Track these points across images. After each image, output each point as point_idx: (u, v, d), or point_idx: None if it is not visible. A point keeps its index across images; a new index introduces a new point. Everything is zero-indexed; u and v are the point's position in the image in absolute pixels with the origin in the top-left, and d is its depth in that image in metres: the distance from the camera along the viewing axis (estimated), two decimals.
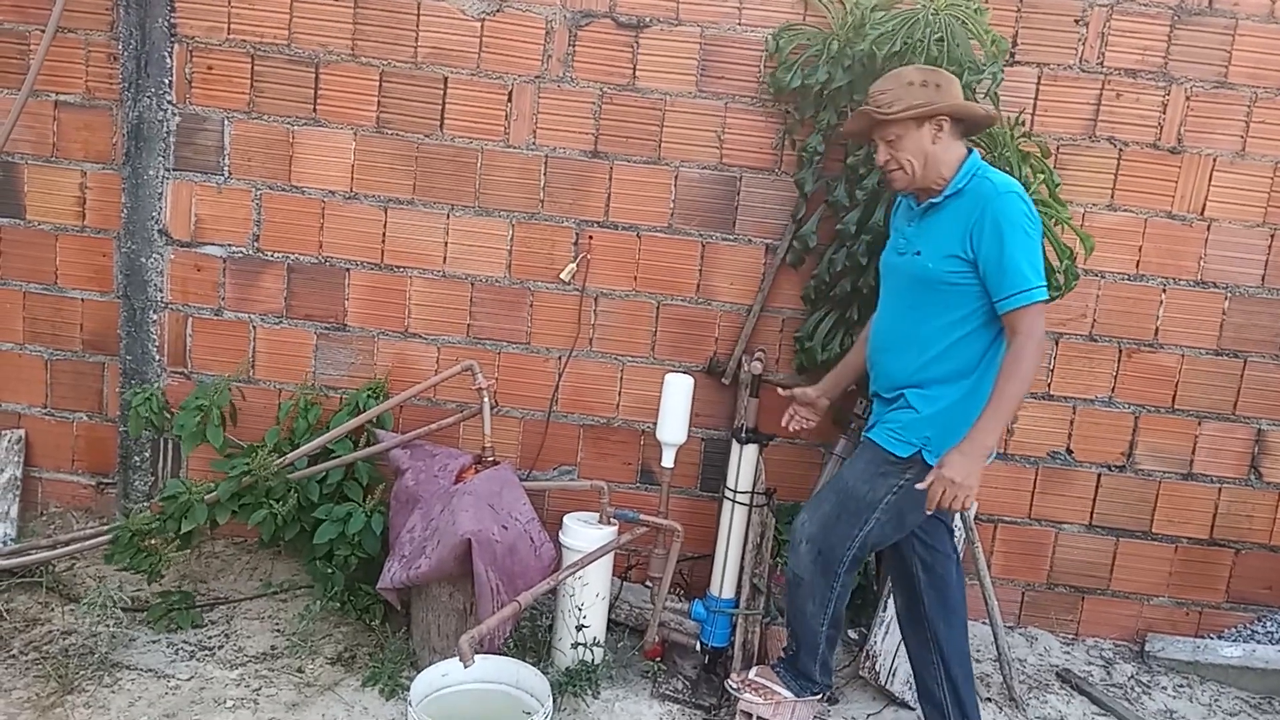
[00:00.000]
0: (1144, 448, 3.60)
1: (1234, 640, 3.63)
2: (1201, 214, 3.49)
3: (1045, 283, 2.42)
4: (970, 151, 2.57)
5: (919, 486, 2.43)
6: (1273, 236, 3.49)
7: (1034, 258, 2.42)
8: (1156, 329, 3.54)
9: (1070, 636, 3.70)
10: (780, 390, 3.12)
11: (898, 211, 2.79)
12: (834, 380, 2.99)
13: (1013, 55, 3.41)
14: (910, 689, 3.14)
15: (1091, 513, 3.63)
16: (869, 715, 3.10)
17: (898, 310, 2.66)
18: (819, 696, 2.89)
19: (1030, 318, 2.39)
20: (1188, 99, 3.44)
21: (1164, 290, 3.52)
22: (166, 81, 3.48)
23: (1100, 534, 3.65)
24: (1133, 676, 3.50)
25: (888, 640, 3.23)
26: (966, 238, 2.45)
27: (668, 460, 3.21)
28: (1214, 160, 3.47)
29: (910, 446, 2.54)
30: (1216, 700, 3.40)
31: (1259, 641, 3.61)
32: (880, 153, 2.60)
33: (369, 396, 3.42)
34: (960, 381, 2.54)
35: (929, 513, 2.44)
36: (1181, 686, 3.47)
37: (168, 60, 3.47)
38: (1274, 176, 3.47)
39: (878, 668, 3.18)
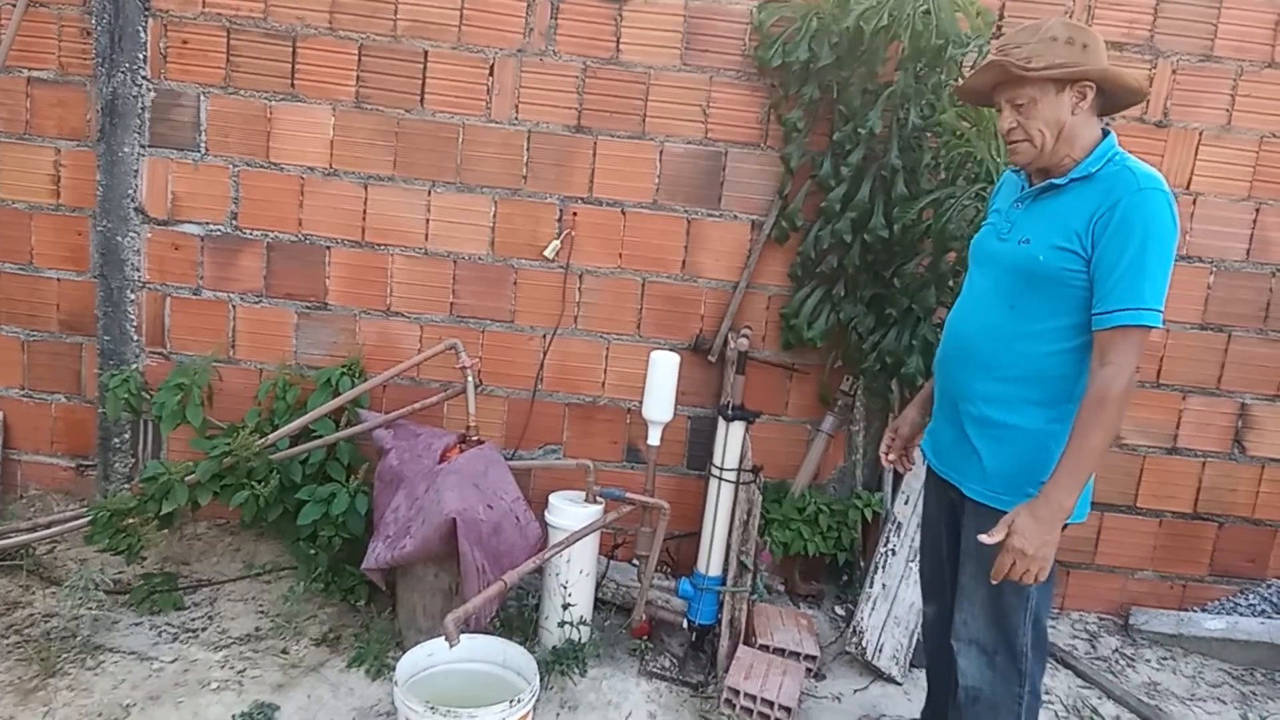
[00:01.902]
0: (1129, 422, 3.61)
1: (1217, 613, 3.66)
2: (1187, 188, 3.48)
3: (1161, 308, 2.00)
4: (1107, 133, 2.14)
5: (982, 539, 2.06)
6: (1258, 210, 3.50)
7: (1159, 275, 1.99)
8: None
9: (1055, 610, 3.72)
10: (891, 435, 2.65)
11: (1000, 190, 2.39)
12: (923, 407, 2.58)
13: (1000, 29, 3.38)
14: (897, 665, 3.16)
15: None
16: (855, 690, 3.11)
17: (992, 309, 2.20)
18: None
19: (1128, 345, 1.98)
20: (1174, 72, 3.43)
21: None
22: (141, 56, 3.42)
23: None
24: (1117, 649, 3.52)
25: (874, 616, 3.24)
26: (1088, 229, 2.03)
27: (654, 438, 3.19)
28: (1200, 134, 3.46)
29: (1027, 498, 2.10)
30: (1200, 672, 3.43)
31: (1241, 614, 3.64)
32: (1005, 117, 2.15)
33: (343, 374, 3.39)
34: (1066, 407, 2.11)
35: (993, 581, 2.08)
36: (1165, 659, 3.49)
37: (142, 34, 3.41)
38: (1259, 150, 3.46)
39: (864, 643, 3.18)
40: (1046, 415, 2.14)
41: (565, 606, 3.02)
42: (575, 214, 3.51)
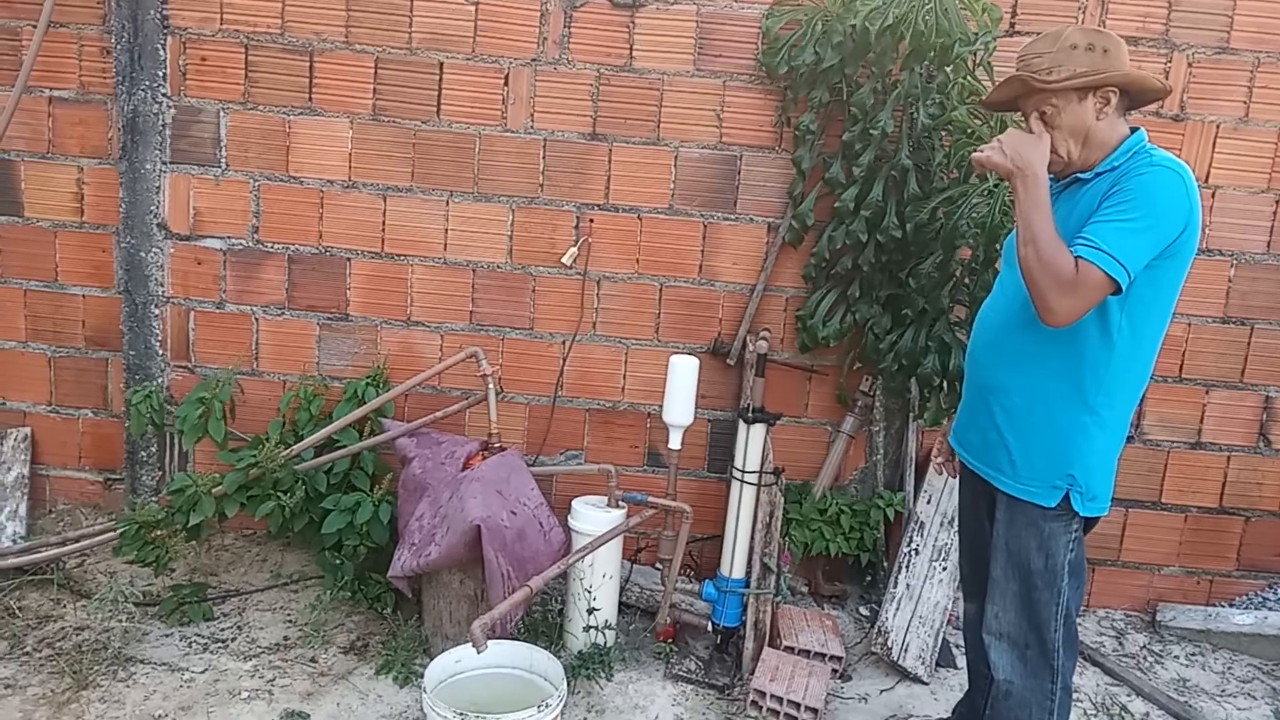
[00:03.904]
0: (1153, 417, 3.59)
1: (1245, 608, 3.63)
2: (1206, 181, 3.47)
3: (1124, 268, 1.96)
4: (1135, 130, 2.14)
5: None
6: (1277, 203, 3.47)
7: (1133, 233, 1.97)
8: None
9: (1082, 608, 3.70)
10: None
11: None
12: None
13: (1013, 26, 3.38)
14: (924, 664, 3.15)
15: None
16: (882, 691, 3.10)
17: (1020, 300, 2.17)
18: None
19: (1084, 274, 1.96)
20: (1190, 66, 3.41)
21: None
22: (160, 74, 3.46)
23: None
24: (1145, 646, 3.50)
25: (899, 616, 3.24)
26: (1099, 203, 2.06)
27: (674, 442, 3.20)
28: (1217, 127, 3.44)
29: (1056, 491, 2.16)
30: (1229, 668, 3.40)
31: (1270, 608, 3.61)
32: (1032, 127, 2.17)
33: (368, 384, 3.41)
34: (1094, 396, 2.12)
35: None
36: (1194, 655, 3.47)
37: (161, 52, 3.45)
38: (1278, 142, 3.44)
39: (889, 643, 3.18)
40: (1074, 406, 2.14)
41: (590, 611, 3.03)
42: (592, 220, 3.53)
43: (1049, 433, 2.17)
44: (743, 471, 3.16)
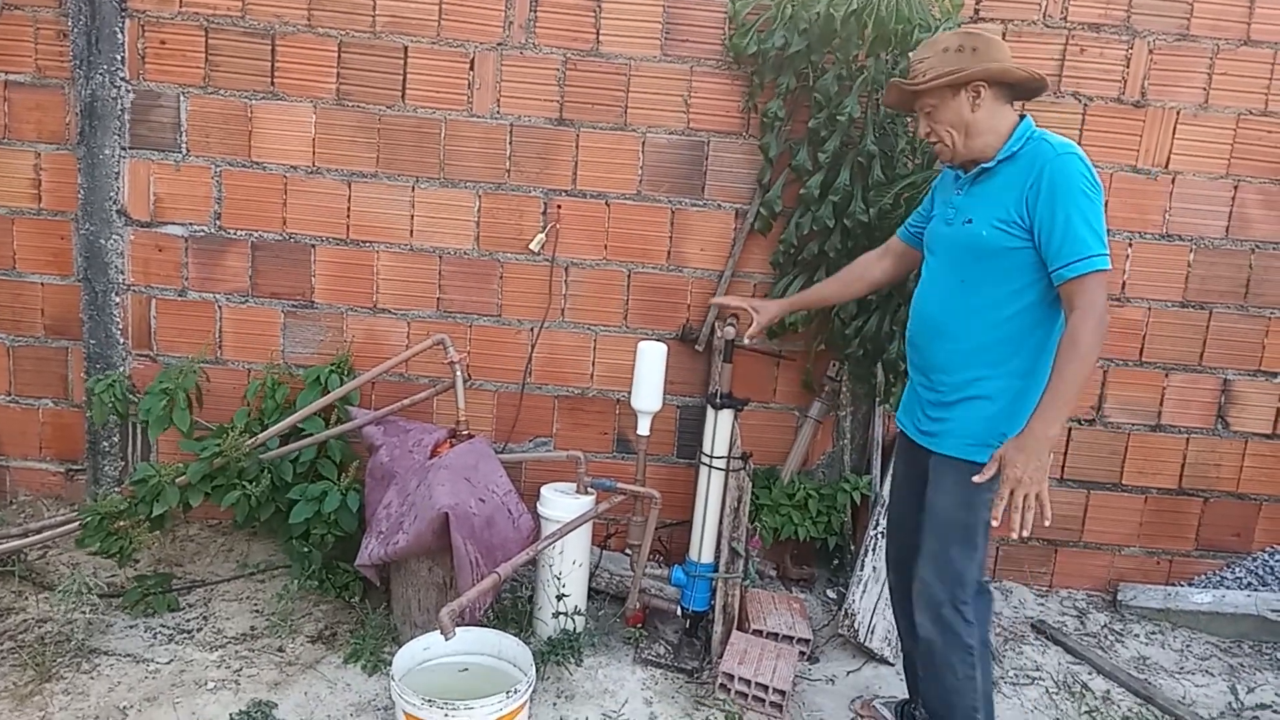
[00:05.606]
0: (1113, 400, 3.64)
1: (1204, 587, 3.71)
2: (1166, 167, 3.51)
3: (1107, 251, 2.16)
4: (1023, 117, 2.34)
5: (975, 479, 2.22)
6: (1236, 188, 3.53)
7: (1095, 222, 2.17)
8: (1123, 283, 3.57)
9: (1044, 589, 3.76)
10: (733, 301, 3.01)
11: (940, 183, 2.56)
12: (797, 301, 2.97)
13: (977, 12, 3.40)
14: (890, 646, 3.19)
15: (1063, 466, 3.68)
16: (848, 672, 3.14)
17: (947, 287, 2.40)
18: None
19: (1089, 288, 2.14)
20: (1151, 52, 3.45)
21: (1130, 244, 3.55)
22: (119, 57, 3.40)
23: (1072, 487, 3.70)
24: (1106, 625, 3.56)
25: (865, 598, 3.27)
26: (1022, 201, 2.23)
27: (643, 428, 3.21)
28: (1177, 113, 3.49)
29: (989, 449, 2.27)
30: (1188, 646, 3.47)
31: (1228, 587, 3.69)
32: (920, 124, 2.41)
33: (332, 372, 3.39)
34: (1024, 364, 2.30)
35: (994, 523, 2.20)
36: (1153, 634, 3.54)
37: (119, 35, 3.39)
38: (1236, 128, 3.49)
39: (856, 625, 3.21)
40: (1006, 373, 2.30)
41: (559, 597, 3.04)
42: (559, 206, 3.52)
43: (985, 400, 2.32)
44: (711, 457, 3.17)
